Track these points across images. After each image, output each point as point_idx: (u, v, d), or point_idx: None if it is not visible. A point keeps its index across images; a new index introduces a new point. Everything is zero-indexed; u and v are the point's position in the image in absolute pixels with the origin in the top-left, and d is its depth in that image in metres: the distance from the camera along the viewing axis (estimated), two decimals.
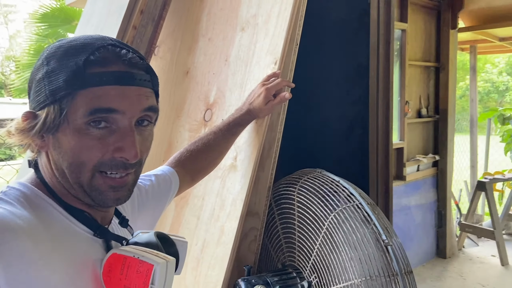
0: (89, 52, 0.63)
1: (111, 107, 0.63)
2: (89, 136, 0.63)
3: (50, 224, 0.64)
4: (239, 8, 1.53)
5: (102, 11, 1.83)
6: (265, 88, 1.21)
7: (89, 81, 0.62)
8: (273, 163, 1.34)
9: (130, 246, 0.70)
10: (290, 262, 1.25)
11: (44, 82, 0.64)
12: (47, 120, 0.63)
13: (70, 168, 0.65)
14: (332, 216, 1.10)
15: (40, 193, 0.67)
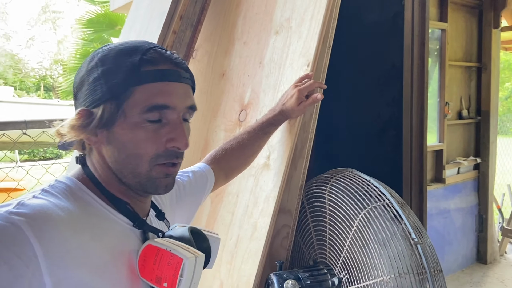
0: (141, 53, 0.70)
1: (165, 104, 0.70)
2: (144, 129, 0.70)
3: (91, 215, 0.70)
4: (273, 12, 1.58)
5: (144, 18, 1.93)
6: (297, 89, 1.24)
7: (144, 78, 0.69)
8: (305, 162, 1.38)
9: (164, 239, 0.74)
10: (321, 259, 1.28)
11: (101, 81, 0.69)
12: (104, 116, 0.69)
13: (127, 160, 0.71)
14: (362, 214, 1.12)
15: (83, 187, 0.72)
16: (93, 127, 0.70)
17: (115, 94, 0.69)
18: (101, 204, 0.72)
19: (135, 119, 0.69)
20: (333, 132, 1.64)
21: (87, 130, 0.70)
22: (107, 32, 8.41)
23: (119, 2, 3.19)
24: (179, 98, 0.72)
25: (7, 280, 0.55)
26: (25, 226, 0.58)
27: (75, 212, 0.67)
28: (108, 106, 0.69)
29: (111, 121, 0.70)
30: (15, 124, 2.12)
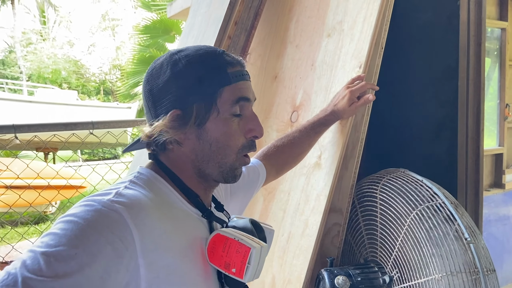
0: (222, 57, 0.80)
1: (247, 97, 0.81)
2: (233, 123, 0.80)
3: (170, 205, 0.77)
4: (325, 15, 1.61)
5: (201, 24, 2.03)
6: (349, 90, 1.27)
7: (231, 79, 0.78)
8: (357, 162, 1.40)
9: (230, 229, 0.81)
10: (372, 258, 1.30)
11: (193, 84, 0.77)
12: (199, 114, 0.77)
13: (218, 151, 0.79)
14: (414, 214, 1.13)
15: (160, 179, 0.80)
16: (188, 125, 0.78)
17: (208, 94, 0.77)
18: (176, 195, 0.80)
19: (225, 114, 0.78)
20: (385, 132, 1.65)
21: (181, 129, 0.78)
22: (163, 38, 8.76)
23: (176, 9, 3.34)
24: (251, 93, 0.82)
25: (111, 259, 0.62)
26: (125, 213, 0.66)
27: (159, 202, 0.75)
28: (202, 106, 0.77)
29: (204, 118, 0.78)
30: (83, 125, 2.29)
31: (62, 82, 20.70)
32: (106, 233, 0.62)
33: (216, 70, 0.78)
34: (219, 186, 1.00)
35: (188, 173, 0.82)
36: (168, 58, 0.80)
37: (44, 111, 8.63)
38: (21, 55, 20.96)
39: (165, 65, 0.79)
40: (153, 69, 0.81)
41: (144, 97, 0.82)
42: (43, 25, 22.65)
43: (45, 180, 3.13)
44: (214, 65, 0.78)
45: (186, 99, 0.77)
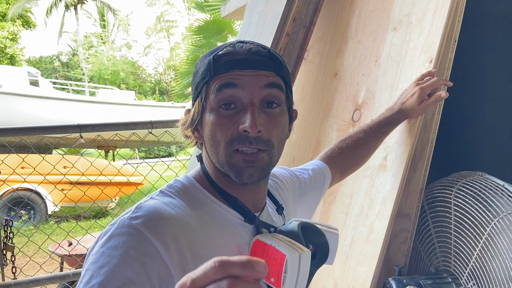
0: (219, 50, 0.75)
1: (231, 82, 0.72)
2: (221, 116, 0.73)
3: (203, 212, 0.74)
4: (391, 8, 1.52)
5: (258, 22, 2.01)
6: (419, 87, 1.18)
7: (218, 69, 0.73)
8: (426, 164, 1.31)
9: (272, 234, 0.76)
10: (445, 267, 1.21)
11: (193, 81, 0.79)
12: (196, 112, 0.76)
13: (211, 149, 0.75)
14: (496, 222, 1.03)
15: (197, 185, 0.77)
16: (189, 123, 0.78)
17: (199, 90, 0.76)
18: (213, 201, 0.76)
19: (212, 106, 0.74)
20: (457, 132, 1.53)
21: (189, 126, 0.78)
22: (215, 38, 8.88)
23: (230, 8, 3.34)
24: (248, 79, 0.72)
25: (142, 273, 0.62)
26: (143, 228, 0.65)
27: (187, 210, 0.72)
28: (198, 102, 0.76)
29: (199, 116, 0.76)
30: (142, 124, 2.36)
31: (120, 83, 21.69)
32: (130, 252, 0.63)
33: (205, 64, 0.75)
34: (287, 188, 0.96)
35: (218, 174, 0.78)
36: (203, 56, 0.81)
37: (105, 110, 9.06)
38: (83, 58, 22.21)
39: (199, 61, 0.82)
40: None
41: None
42: (103, 29, 23.84)
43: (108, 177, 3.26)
44: (205, 60, 0.76)
45: (192, 97, 0.79)
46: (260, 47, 0.76)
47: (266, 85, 0.73)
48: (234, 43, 0.76)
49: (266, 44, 0.83)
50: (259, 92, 0.72)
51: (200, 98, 0.75)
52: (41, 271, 2.71)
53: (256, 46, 0.75)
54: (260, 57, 0.74)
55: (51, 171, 2.50)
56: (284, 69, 0.78)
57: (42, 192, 6.03)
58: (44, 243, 3.52)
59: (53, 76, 22.81)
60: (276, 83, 0.74)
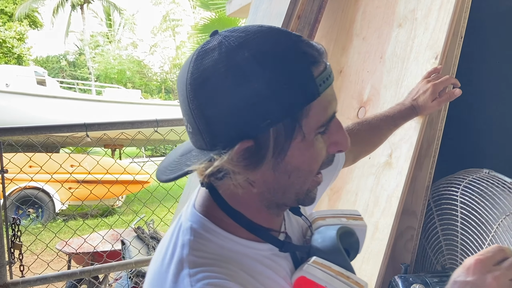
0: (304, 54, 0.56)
1: (335, 111, 0.60)
2: (318, 143, 0.59)
3: (242, 263, 0.61)
4: (396, 4, 1.51)
5: (263, 20, 2.00)
6: (432, 84, 1.15)
7: (320, 89, 0.56)
8: (432, 162, 1.30)
9: (316, 263, 0.63)
10: (451, 265, 1.20)
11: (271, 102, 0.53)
12: (278, 142, 0.55)
13: (298, 181, 0.60)
14: (503, 219, 1.02)
15: (214, 229, 0.62)
16: (264, 161, 0.56)
17: (290, 113, 0.55)
18: (240, 243, 0.63)
19: (311, 136, 0.58)
20: (463, 129, 1.52)
21: (257, 168, 0.57)
22: None
23: (235, 6, 3.34)
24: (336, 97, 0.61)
25: None
26: None
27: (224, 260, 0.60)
28: (282, 130, 0.55)
29: (285, 146, 0.56)
30: (148, 123, 2.36)
31: (126, 82, 21.79)
32: None
33: (298, 77, 0.54)
34: None
35: (255, 207, 0.63)
36: (225, 58, 0.55)
37: (112, 109, 9.12)
38: (89, 57, 22.33)
39: (222, 70, 0.54)
40: (202, 73, 0.55)
41: (190, 113, 0.57)
42: (109, 28, 23.96)
43: (114, 176, 3.28)
44: (295, 70, 0.54)
45: (259, 123, 0.54)
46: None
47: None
48: (302, 40, 0.58)
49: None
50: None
51: (291, 122, 0.55)
52: (48, 269, 2.73)
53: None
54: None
55: (58, 170, 2.52)
56: None
57: (49, 190, 6.08)
58: (52, 241, 3.55)
59: (60, 75, 22.98)
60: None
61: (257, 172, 0.58)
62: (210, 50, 0.56)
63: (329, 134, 0.61)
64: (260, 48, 0.55)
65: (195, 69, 0.56)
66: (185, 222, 0.64)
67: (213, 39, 0.58)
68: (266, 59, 0.54)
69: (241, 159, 0.56)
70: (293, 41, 0.57)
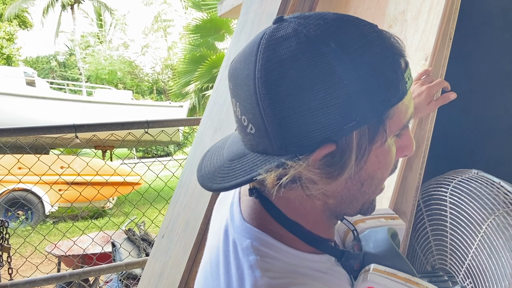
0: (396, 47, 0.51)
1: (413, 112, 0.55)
2: (394, 148, 0.55)
3: (304, 274, 0.55)
4: (386, 6, 1.52)
5: (254, 20, 2.00)
6: (427, 87, 1.16)
7: (407, 87, 0.51)
8: (422, 162, 1.30)
9: (379, 271, 0.58)
10: (441, 265, 1.20)
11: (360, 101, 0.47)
12: (361, 147, 0.49)
13: (370, 188, 0.55)
14: (491, 220, 1.03)
15: (275, 243, 0.56)
16: (346, 168, 0.50)
17: (380, 112, 0.49)
18: (300, 257, 0.56)
19: (390, 140, 0.53)
20: (453, 130, 1.53)
21: (338, 176, 0.50)
22: (213, 37, 8.89)
23: (227, 7, 3.33)
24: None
25: None
26: None
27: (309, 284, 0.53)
28: (366, 132, 0.49)
29: (366, 152, 0.50)
30: (138, 124, 2.35)
31: (118, 83, 21.66)
32: None
33: (391, 72, 0.49)
34: None
35: (314, 217, 0.57)
36: (307, 48, 0.47)
37: (102, 110, 9.05)
38: (80, 58, 22.17)
39: (304, 63, 0.47)
40: (278, 66, 0.47)
41: (258, 111, 0.49)
42: (100, 28, 23.80)
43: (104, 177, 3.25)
44: (387, 64, 0.49)
45: (343, 124, 0.47)
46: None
47: None
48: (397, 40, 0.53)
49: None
50: None
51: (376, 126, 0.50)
52: (38, 272, 2.70)
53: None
54: None
55: (47, 172, 2.49)
56: None
57: (38, 192, 6.02)
58: (42, 244, 3.51)
59: (50, 76, 22.77)
60: None
61: (336, 183, 0.51)
62: (284, 39, 0.48)
63: (400, 138, 0.55)
64: (347, 39, 0.48)
65: (267, 61, 0.48)
66: (241, 239, 0.57)
67: (283, 26, 0.50)
68: (356, 52, 0.47)
69: (323, 166, 0.49)
70: (378, 31, 0.50)
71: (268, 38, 0.49)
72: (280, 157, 0.49)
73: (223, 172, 0.54)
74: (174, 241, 1.81)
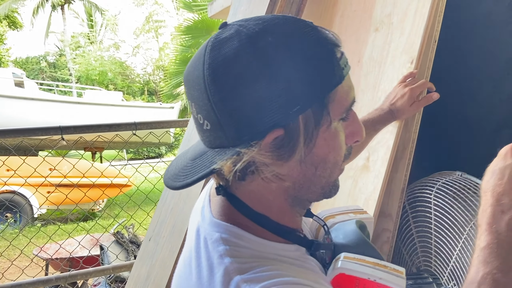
0: (329, 38, 0.56)
1: (355, 97, 0.60)
2: (341, 132, 0.58)
3: (270, 259, 0.57)
4: (373, 8, 1.53)
5: None
6: (409, 88, 1.17)
7: (345, 71, 0.56)
8: (408, 164, 1.31)
9: (348, 258, 0.61)
10: (426, 267, 1.21)
11: (300, 87, 0.51)
12: (308, 130, 0.53)
13: (324, 172, 0.58)
14: (475, 221, 1.03)
15: (244, 235, 0.58)
16: (296, 151, 0.54)
17: (320, 97, 0.53)
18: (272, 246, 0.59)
19: (338, 115, 0.56)
20: (438, 132, 1.54)
21: (289, 158, 0.54)
22: (204, 38, 8.86)
23: (217, 8, 3.33)
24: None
25: None
26: None
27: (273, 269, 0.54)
28: (311, 117, 0.53)
29: (313, 134, 0.54)
30: (126, 126, 2.33)
31: (108, 84, 21.52)
32: None
33: (326, 59, 0.53)
34: None
35: (279, 208, 0.60)
36: (248, 44, 0.51)
37: (92, 112, 8.98)
38: (70, 58, 21.99)
39: (246, 58, 0.51)
40: (222, 63, 0.52)
41: (210, 108, 0.53)
42: (90, 29, 23.64)
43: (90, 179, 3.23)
44: (322, 52, 0.53)
45: (288, 110, 0.51)
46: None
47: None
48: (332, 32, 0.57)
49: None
50: None
51: (319, 109, 0.54)
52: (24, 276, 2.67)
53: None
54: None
55: (33, 174, 2.46)
56: None
57: (26, 194, 5.95)
58: (29, 247, 3.47)
59: (39, 77, 22.56)
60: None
61: (288, 165, 0.55)
62: (227, 39, 0.53)
63: (348, 123, 0.59)
64: (284, 33, 0.53)
65: (213, 60, 0.52)
66: (211, 234, 0.59)
67: (225, 30, 0.55)
68: (292, 43, 0.52)
69: (273, 149, 0.53)
70: (313, 26, 0.55)
71: (213, 40, 0.54)
72: (235, 147, 0.53)
73: (186, 171, 0.58)
74: (160, 244, 1.80)
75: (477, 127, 1.48)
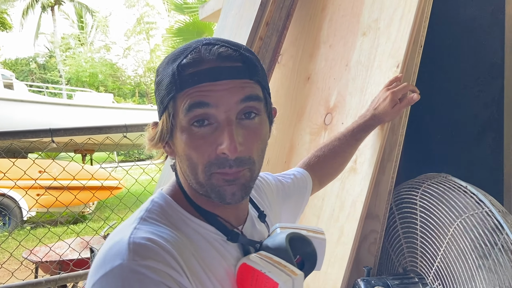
0: (183, 56, 0.66)
1: (202, 101, 0.64)
2: (194, 136, 0.65)
3: (191, 238, 0.68)
4: (360, 14, 1.55)
5: (232, 25, 2.02)
6: (391, 92, 1.20)
7: (185, 83, 0.64)
8: (394, 166, 1.34)
9: (260, 254, 0.70)
10: (412, 267, 1.23)
11: (156, 92, 0.70)
12: (163, 127, 0.69)
13: (188, 170, 0.68)
14: (458, 222, 1.06)
15: (174, 205, 0.71)
16: (157, 139, 0.71)
17: (165, 105, 0.68)
18: (194, 222, 0.71)
19: (183, 125, 0.66)
20: (424, 135, 1.57)
21: (155, 142, 0.71)
22: None
23: (208, 11, 3.34)
24: (221, 94, 0.64)
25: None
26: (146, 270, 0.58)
27: (178, 239, 0.66)
28: (165, 118, 0.68)
29: (168, 132, 0.69)
30: (117, 128, 2.33)
31: (99, 85, 21.37)
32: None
33: (169, 75, 0.67)
34: (271, 191, 0.95)
35: (190, 189, 0.73)
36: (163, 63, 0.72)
37: (82, 114, 8.92)
38: (60, 60, 21.80)
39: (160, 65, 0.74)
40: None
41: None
42: (81, 30, 23.47)
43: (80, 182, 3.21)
44: (169, 70, 0.67)
45: (158, 109, 0.71)
46: (230, 49, 0.66)
47: (243, 99, 0.65)
48: (200, 46, 0.66)
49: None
50: (235, 107, 0.65)
51: (168, 114, 0.68)
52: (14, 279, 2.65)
53: (226, 48, 0.65)
54: (231, 62, 0.65)
55: (23, 176, 2.45)
56: (259, 71, 0.70)
57: (15, 197, 5.89)
58: (18, 250, 3.44)
59: (29, 78, 22.34)
60: (253, 95, 0.67)
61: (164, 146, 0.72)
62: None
63: (217, 134, 0.66)
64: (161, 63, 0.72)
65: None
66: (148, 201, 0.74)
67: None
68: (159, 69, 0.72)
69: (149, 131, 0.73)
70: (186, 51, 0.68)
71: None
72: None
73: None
74: None
75: (462, 130, 1.51)
